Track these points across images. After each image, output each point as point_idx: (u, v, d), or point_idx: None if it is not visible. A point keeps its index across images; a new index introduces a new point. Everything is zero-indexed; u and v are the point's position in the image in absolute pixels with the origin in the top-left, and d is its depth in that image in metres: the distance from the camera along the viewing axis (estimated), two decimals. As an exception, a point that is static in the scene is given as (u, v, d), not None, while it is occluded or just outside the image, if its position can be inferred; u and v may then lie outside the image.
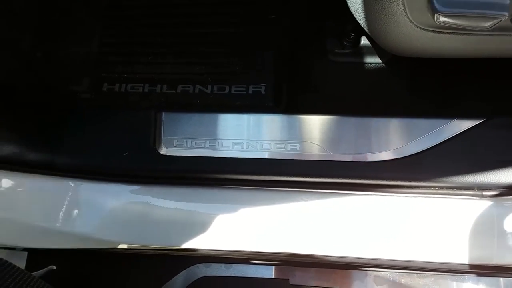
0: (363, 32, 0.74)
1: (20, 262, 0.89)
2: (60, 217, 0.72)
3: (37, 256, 0.89)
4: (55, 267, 0.84)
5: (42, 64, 0.84)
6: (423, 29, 0.56)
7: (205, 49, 0.82)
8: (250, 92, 0.77)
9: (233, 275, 0.87)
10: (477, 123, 0.70)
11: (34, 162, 0.73)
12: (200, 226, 0.72)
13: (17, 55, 0.84)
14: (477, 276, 0.85)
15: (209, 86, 0.79)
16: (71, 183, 0.72)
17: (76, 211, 0.72)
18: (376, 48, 0.79)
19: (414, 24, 0.56)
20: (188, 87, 0.79)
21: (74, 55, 0.84)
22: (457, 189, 0.69)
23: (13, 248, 0.87)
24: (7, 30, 0.86)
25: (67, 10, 0.89)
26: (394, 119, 0.72)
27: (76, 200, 0.72)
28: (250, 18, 0.84)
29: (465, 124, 0.70)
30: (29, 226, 0.73)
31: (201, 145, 0.72)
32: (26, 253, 0.90)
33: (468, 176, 0.68)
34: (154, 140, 0.73)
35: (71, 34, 0.86)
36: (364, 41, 0.80)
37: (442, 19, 0.51)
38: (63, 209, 0.72)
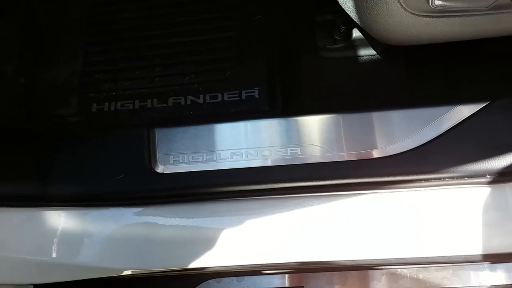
0: (354, 24, 0.72)
1: (27, 296, 0.87)
2: (60, 249, 0.69)
3: (43, 288, 0.86)
4: (62, 299, 0.81)
5: (26, 90, 0.81)
6: (417, 15, 0.54)
7: (194, 58, 0.80)
8: (243, 97, 0.75)
9: (246, 287, 0.84)
10: (481, 106, 0.68)
11: (25, 195, 0.70)
12: (206, 243, 0.69)
13: (1, 83, 0.81)
14: (497, 263, 0.82)
15: (201, 96, 0.76)
16: (66, 213, 0.70)
17: (75, 241, 0.69)
18: (369, 39, 0.76)
19: (407, 10, 0.53)
20: (180, 99, 0.77)
21: (59, 78, 0.82)
22: (468, 177, 0.66)
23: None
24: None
25: (48, 32, 0.86)
26: (395, 111, 0.69)
27: (74, 230, 0.69)
28: (236, 22, 0.81)
29: (469, 109, 0.68)
30: (29, 262, 0.70)
31: (198, 158, 0.70)
32: (32, 286, 0.87)
33: (478, 163, 0.66)
34: (149, 158, 0.70)
35: (53, 56, 0.84)
36: (356, 33, 0.77)
37: (438, 2, 0.48)
38: (62, 241, 0.69)
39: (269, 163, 0.69)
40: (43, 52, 0.85)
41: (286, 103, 0.75)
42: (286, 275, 0.84)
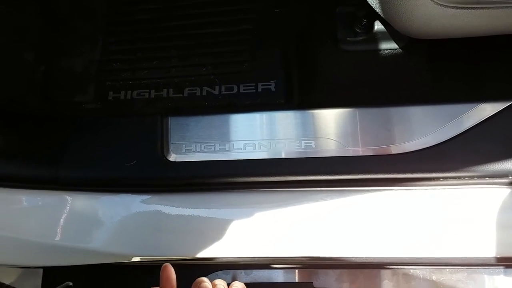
0: (377, 16, 0.70)
1: (36, 279, 0.88)
2: (69, 233, 0.69)
3: (52, 272, 0.87)
4: (71, 284, 0.82)
5: (45, 77, 0.82)
6: (444, 6, 0.52)
7: (211, 49, 0.79)
8: (259, 90, 0.74)
9: (254, 281, 0.83)
10: (506, 106, 0.66)
11: (39, 177, 0.70)
12: (215, 233, 0.68)
13: (20, 70, 0.82)
14: (515, 268, 0.79)
15: (217, 87, 0.76)
16: (77, 197, 0.70)
17: (85, 225, 0.69)
18: (391, 32, 0.74)
19: (434, 1, 0.51)
20: (195, 89, 0.76)
21: (77, 65, 0.82)
22: (488, 177, 0.65)
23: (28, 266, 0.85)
24: (10, 46, 0.84)
25: (68, 20, 0.86)
26: (416, 107, 0.68)
27: (83, 214, 0.70)
28: (254, 14, 0.80)
29: (493, 108, 0.66)
30: (39, 244, 0.70)
31: (211, 148, 0.69)
32: (41, 270, 0.88)
33: (500, 163, 0.64)
34: (162, 146, 0.70)
35: (73, 43, 0.85)
36: (378, 26, 0.75)
37: (466, -8, 0.46)
38: (72, 224, 0.69)
39: (282, 155, 0.68)
40: (62, 39, 0.85)
41: (302, 97, 0.74)
42: (296, 270, 0.83)
